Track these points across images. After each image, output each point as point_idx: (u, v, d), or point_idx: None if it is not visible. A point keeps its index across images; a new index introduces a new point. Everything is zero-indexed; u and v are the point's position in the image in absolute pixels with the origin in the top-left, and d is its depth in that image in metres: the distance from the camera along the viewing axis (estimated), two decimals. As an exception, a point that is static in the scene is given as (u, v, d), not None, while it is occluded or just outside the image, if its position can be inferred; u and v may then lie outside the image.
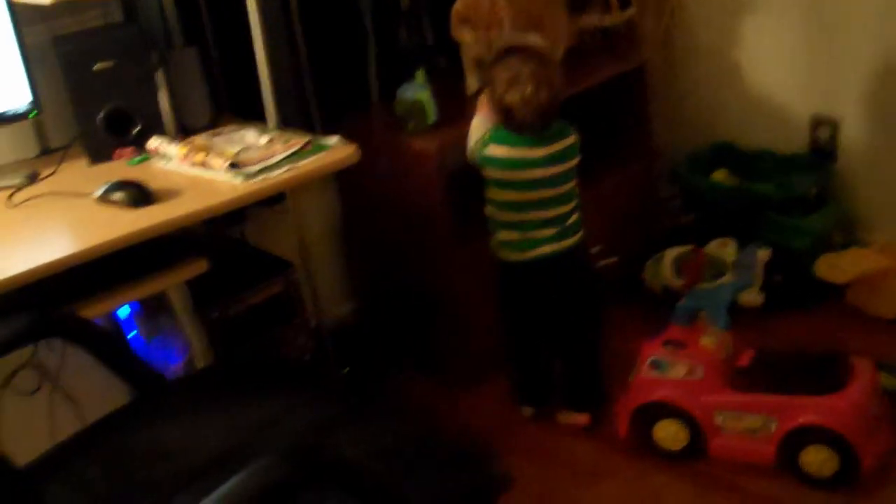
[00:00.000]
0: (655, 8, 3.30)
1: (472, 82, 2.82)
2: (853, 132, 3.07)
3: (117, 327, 2.33)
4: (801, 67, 3.13)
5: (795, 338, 2.78)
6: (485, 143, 2.39)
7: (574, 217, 2.47)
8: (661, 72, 3.35)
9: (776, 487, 2.26)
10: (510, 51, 2.35)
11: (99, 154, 2.24)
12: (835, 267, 2.87)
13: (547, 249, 2.43)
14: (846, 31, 2.97)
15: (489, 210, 2.47)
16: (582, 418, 2.61)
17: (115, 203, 1.96)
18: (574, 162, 2.42)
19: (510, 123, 2.34)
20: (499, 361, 2.76)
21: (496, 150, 2.38)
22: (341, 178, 2.83)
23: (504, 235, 2.46)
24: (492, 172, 2.41)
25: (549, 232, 2.42)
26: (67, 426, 2.21)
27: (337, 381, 2.54)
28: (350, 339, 2.77)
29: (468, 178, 2.76)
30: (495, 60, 2.35)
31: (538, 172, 2.37)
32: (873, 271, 2.83)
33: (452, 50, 2.87)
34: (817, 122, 3.13)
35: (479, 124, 2.44)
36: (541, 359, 2.65)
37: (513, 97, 2.28)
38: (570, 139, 2.40)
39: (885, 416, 2.30)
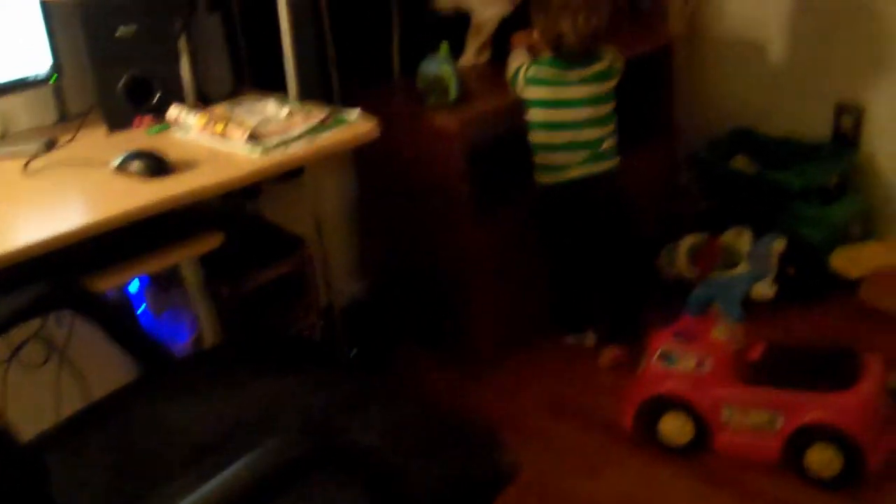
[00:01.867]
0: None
1: (469, 55, 2.90)
2: (878, 121, 3.05)
3: (128, 301, 2.33)
4: (826, 52, 3.10)
5: (807, 332, 2.77)
6: (528, 66, 2.57)
7: (609, 142, 2.64)
8: (685, 52, 3.31)
9: (779, 486, 2.26)
10: None
11: (118, 122, 2.22)
12: (850, 260, 2.85)
13: (578, 172, 2.60)
14: (874, 16, 2.94)
15: (531, 134, 2.63)
16: (615, 351, 2.76)
17: (132, 173, 1.95)
18: (609, 84, 2.62)
19: (559, 49, 2.51)
20: (510, 346, 2.79)
21: (537, 72, 2.56)
22: (359, 152, 2.82)
23: (541, 158, 2.62)
24: (532, 93, 2.58)
25: (582, 154, 2.60)
26: (73, 400, 2.23)
27: (345, 361, 2.55)
28: (360, 319, 2.77)
29: (488, 156, 2.76)
30: None
31: (573, 92, 2.57)
32: (889, 267, 2.82)
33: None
34: (841, 110, 3.10)
35: (518, 55, 2.64)
36: (580, 286, 2.78)
37: (565, 24, 2.47)
38: (605, 62, 2.60)
39: (892, 415, 2.29)
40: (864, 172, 3.10)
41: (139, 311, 2.35)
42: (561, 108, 2.58)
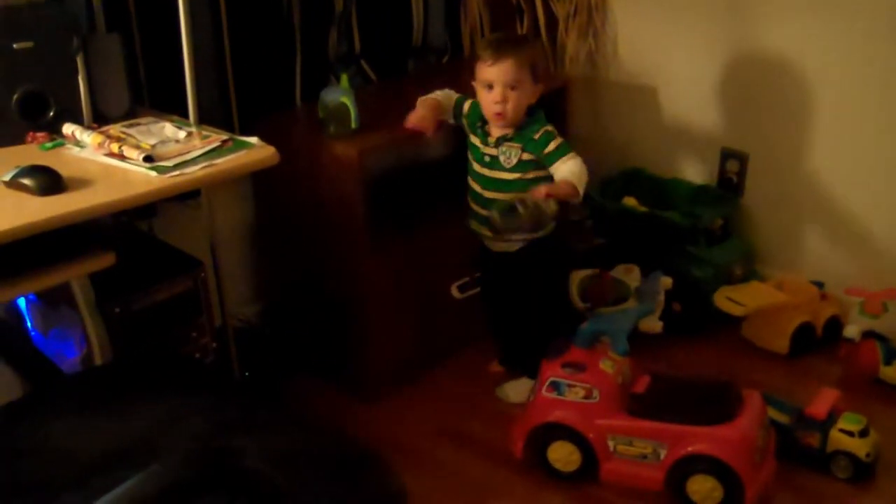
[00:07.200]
0: (578, 29, 3.36)
1: None
2: (762, 168, 3.16)
3: (17, 317, 2.27)
4: (714, 100, 3.21)
5: (691, 365, 2.86)
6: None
7: None
8: (580, 94, 3.39)
9: (663, 514, 2.32)
10: None
11: (10, 136, 2.17)
12: (732, 299, 2.95)
13: None
14: (759, 67, 3.06)
15: None
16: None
17: (23, 188, 1.91)
18: None
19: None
20: (404, 374, 2.81)
21: None
22: (256, 177, 2.80)
23: None
24: None
25: None
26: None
27: (238, 384, 2.53)
28: (254, 342, 2.75)
29: (386, 186, 2.77)
30: None
31: None
32: (769, 306, 2.92)
33: (378, 59, 2.88)
34: (727, 155, 3.22)
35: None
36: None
37: None
38: None
39: (769, 448, 2.38)
40: (747, 216, 3.22)
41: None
42: None
